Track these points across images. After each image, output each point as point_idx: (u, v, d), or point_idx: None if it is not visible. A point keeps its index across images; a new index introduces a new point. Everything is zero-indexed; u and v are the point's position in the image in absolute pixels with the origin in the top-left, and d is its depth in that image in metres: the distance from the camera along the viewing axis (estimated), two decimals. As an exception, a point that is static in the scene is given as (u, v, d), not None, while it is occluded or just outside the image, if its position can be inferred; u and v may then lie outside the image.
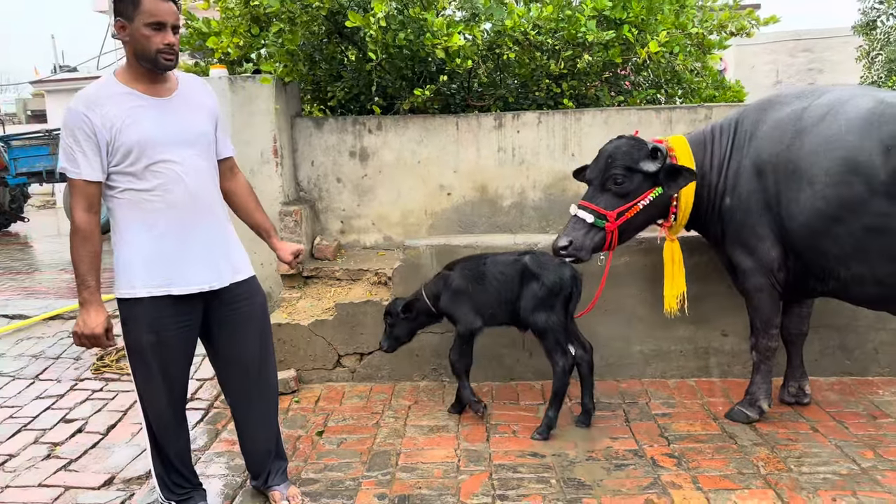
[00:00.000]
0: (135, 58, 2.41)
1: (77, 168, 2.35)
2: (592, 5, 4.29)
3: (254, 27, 4.47)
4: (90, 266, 2.40)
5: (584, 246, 3.31)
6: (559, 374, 3.38)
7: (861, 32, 11.67)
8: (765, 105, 3.33)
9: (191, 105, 2.54)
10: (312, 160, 4.74)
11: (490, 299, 3.50)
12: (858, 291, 3.12)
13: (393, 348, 3.72)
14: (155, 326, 2.48)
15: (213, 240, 2.58)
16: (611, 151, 3.33)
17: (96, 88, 2.42)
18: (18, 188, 12.66)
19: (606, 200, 3.31)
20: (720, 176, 3.36)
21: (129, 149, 2.37)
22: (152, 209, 2.43)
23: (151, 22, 2.35)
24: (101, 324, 2.42)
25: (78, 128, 2.33)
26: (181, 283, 2.49)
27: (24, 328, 5.27)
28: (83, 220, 2.38)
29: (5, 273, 8.06)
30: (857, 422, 3.45)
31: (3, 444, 3.56)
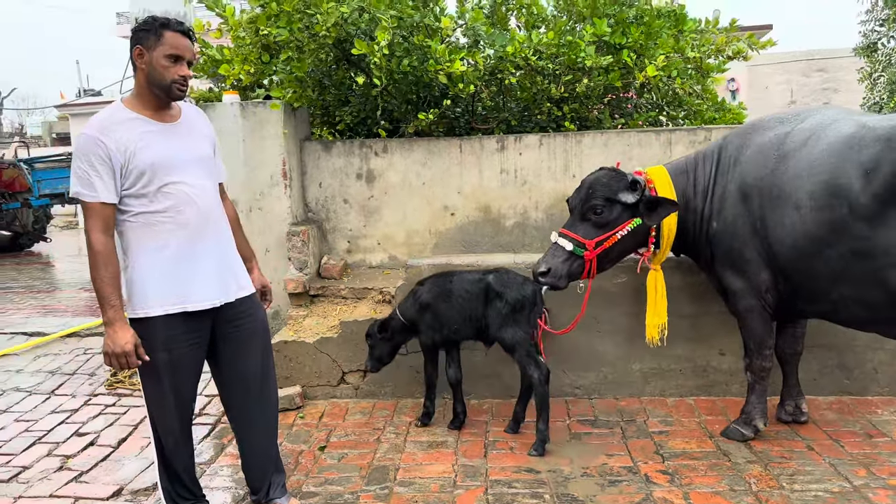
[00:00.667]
0: (148, 85, 2.53)
1: (94, 191, 2.44)
2: (592, 31, 4.41)
3: (264, 55, 4.63)
4: (112, 286, 2.48)
5: (561, 273, 3.42)
6: (536, 385, 3.48)
7: (863, 54, 11.72)
8: (748, 130, 3.41)
9: (193, 131, 2.69)
10: (320, 182, 4.87)
11: (454, 315, 3.63)
12: (847, 313, 3.16)
13: (377, 368, 3.87)
14: (168, 344, 2.57)
15: (221, 257, 2.69)
16: (591, 182, 3.44)
17: (108, 114, 2.53)
18: (41, 209, 12.99)
19: (586, 229, 3.41)
20: (705, 201, 3.44)
21: (142, 171, 2.47)
22: (164, 230, 2.53)
23: (171, 54, 2.50)
24: (130, 340, 2.48)
25: (93, 152, 2.43)
26: (194, 299, 2.58)
27: (42, 345, 5.43)
28: (101, 242, 2.47)
29: (26, 292, 8.27)
30: (853, 440, 3.48)
31: (17, 456, 3.69)
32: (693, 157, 3.57)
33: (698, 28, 4.89)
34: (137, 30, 2.53)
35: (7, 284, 8.98)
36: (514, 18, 5.03)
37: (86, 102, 22.91)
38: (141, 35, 2.51)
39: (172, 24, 2.53)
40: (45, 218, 13.52)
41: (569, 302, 4.06)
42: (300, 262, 4.58)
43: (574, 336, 4.11)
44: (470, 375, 4.18)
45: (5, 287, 8.74)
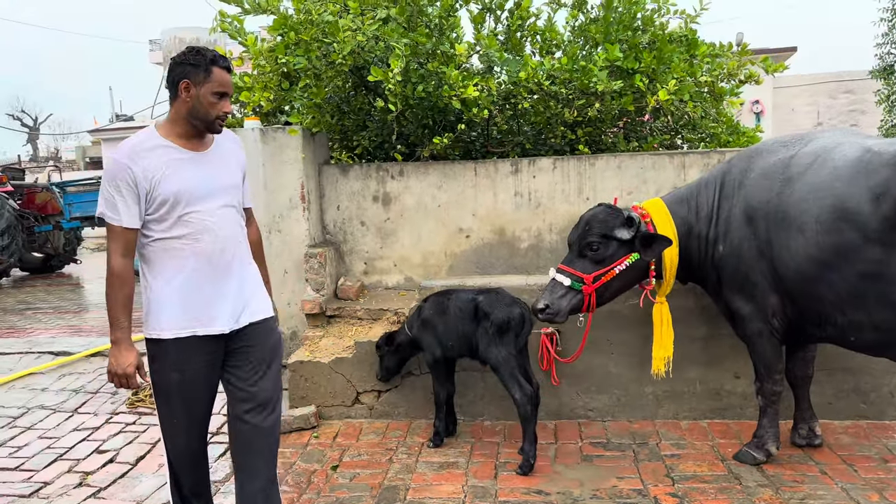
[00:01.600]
0: (189, 117, 2.56)
1: (117, 215, 2.49)
2: (605, 56, 4.47)
3: (284, 82, 4.76)
4: (124, 308, 2.52)
5: (560, 309, 3.47)
6: (518, 405, 3.53)
7: (879, 77, 11.66)
8: (752, 153, 3.44)
9: (224, 159, 2.70)
10: (338, 205, 4.97)
11: (450, 332, 3.75)
12: (856, 337, 3.15)
13: (386, 378, 4.07)
14: (181, 366, 2.58)
15: (237, 284, 2.68)
16: (587, 219, 3.51)
17: (139, 140, 2.56)
18: (72, 232, 13.31)
19: (584, 265, 3.47)
20: (710, 225, 3.46)
21: (165, 199, 2.51)
22: (181, 255, 2.56)
23: (219, 91, 2.54)
24: (133, 362, 2.53)
25: (120, 178, 2.47)
26: (206, 324, 2.59)
27: (67, 364, 5.56)
28: (120, 265, 2.51)
29: (55, 312, 8.48)
30: (868, 465, 3.44)
31: (39, 472, 3.79)
32: (694, 184, 3.62)
33: (712, 52, 4.92)
34: (184, 62, 2.55)
35: (37, 305, 9.21)
36: (529, 45, 5.11)
37: (118, 127, 23.51)
38: (189, 69, 2.53)
39: (220, 61, 2.56)
40: (76, 240, 13.85)
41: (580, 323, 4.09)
42: (317, 283, 4.66)
43: (587, 358, 4.12)
44: (483, 397, 4.22)
45: (35, 308, 8.97)
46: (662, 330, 3.67)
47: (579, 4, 5.12)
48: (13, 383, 5.20)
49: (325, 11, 4.38)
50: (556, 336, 4.04)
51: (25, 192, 13.18)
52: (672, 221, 3.50)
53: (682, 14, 4.92)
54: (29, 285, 11.71)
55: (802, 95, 20.04)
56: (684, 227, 3.51)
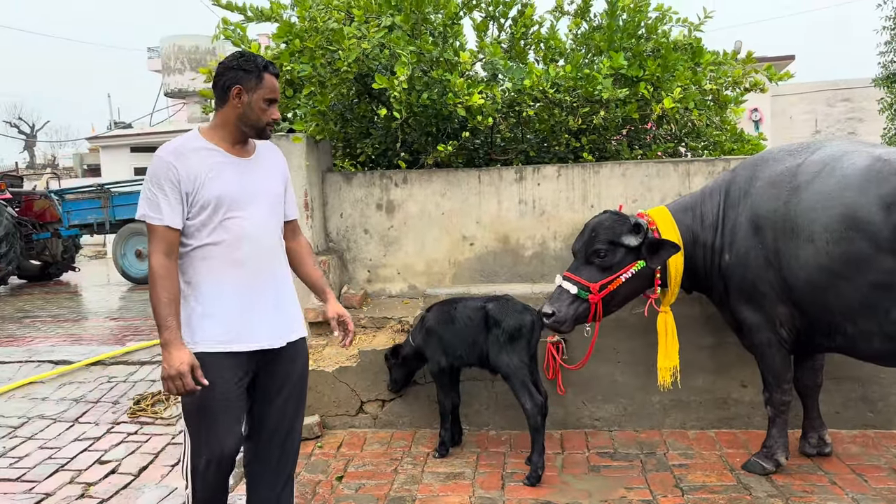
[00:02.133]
0: (238, 122, 2.52)
1: (160, 215, 2.42)
2: (609, 64, 4.46)
3: (288, 90, 4.74)
4: (169, 308, 2.40)
5: (566, 317, 3.44)
6: (528, 414, 3.49)
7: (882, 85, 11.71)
8: (757, 162, 3.43)
9: (267, 167, 2.64)
10: (341, 212, 4.94)
11: (457, 341, 3.71)
12: (866, 347, 3.13)
13: (396, 389, 4.06)
14: (214, 382, 2.44)
15: (276, 298, 2.60)
16: (594, 226, 3.49)
17: (183, 141, 2.52)
18: (70, 239, 13.25)
19: (590, 273, 3.44)
20: (716, 234, 3.44)
21: (207, 202, 2.45)
22: (219, 265, 2.48)
23: (270, 98, 2.52)
24: (186, 361, 2.37)
25: (165, 176, 2.42)
26: (243, 339, 2.50)
27: (67, 373, 5.52)
28: (162, 265, 2.41)
29: (54, 320, 8.42)
30: (878, 475, 3.41)
31: (40, 483, 3.75)
32: (699, 193, 3.61)
33: (716, 60, 4.92)
34: (236, 68, 2.51)
35: (35, 313, 9.15)
36: (533, 52, 5.10)
37: (116, 135, 23.44)
38: (241, 75, 2.49)
39: (270, 67, 2.54)
40: (74, 248, 13.79)
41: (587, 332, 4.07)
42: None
43: (594, 367, 4.10)
44: (488, 406, 4.19)
45: (33, 316, 8.92)
46: (667, 340, 3.64)
47: (582, 12, 5.12)
48: (13, 392, 5.16)
49: (329, 19, 4.37)
50: (563, 345, 4.02)
51: (24, 199, 13.12)
52: (677, 230, 3.48)
53: (685, 22, 4.92)
54: (27, 293, 11.65)
55: (800, 103, 20.11)
56: (689, 236, 3.49)
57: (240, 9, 4.83)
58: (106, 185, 13.13)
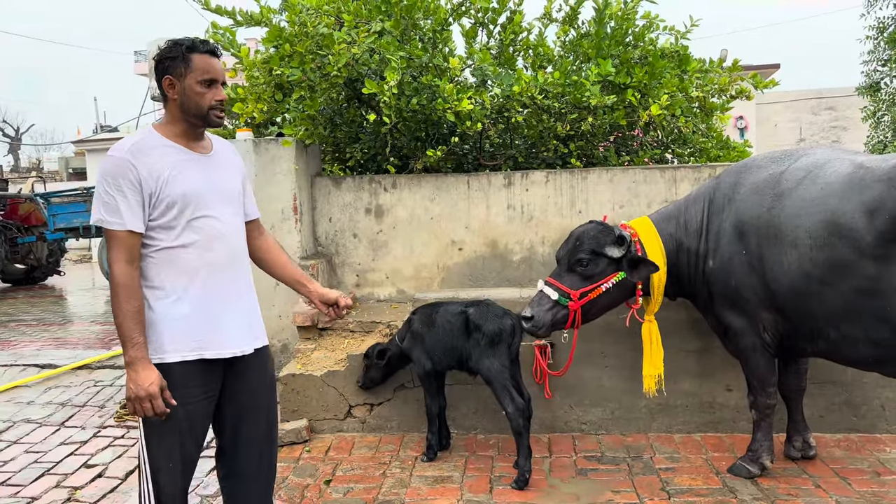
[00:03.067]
0: (183, 114, 2.36)
1: (120, 218, 2.22)
2: (597, 71, 4.50)
3: (277, 94, 4.76)
4: (135, 321, 2.22)
5: (544, 322, 3.47)
6: (510, 418, 3.51)
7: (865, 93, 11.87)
8: (741, 169, 3.47)
9: (226, 166, 2.51)
10: (330, 217, 4.95)
11: (438, 345, 3.75)
12: (850, 352, 3.17)
13: (368, 387, 4.12)
14: (184, 396, 2.28)
15: (247, 302, 2.49)
16: (578, 235, 3.52)
17: (139, 138, 2.34)
18: (56, 243, 13.16)
19: (572, 280, 3.48)
20: (700, 239, 3.48)
21: (172, 201, 2.28)
22: (189, 267, 2.32)
23: (204, 79, 2.33)
24: (155, 381, 2.19)
25: (123, 176, 2.22)
26: (215, 346, 2.35)
27: (53, 377, 5.48)
28: (126, 274, 2.22)
29: (39, 324, 8.36)
30: (861, 478, 3.45)
31: (26, 487, 3.72)
32: (682, 201, 3.66)
33: (703, 68, 4.98)
34: (163, 58, 2.35)
35: (20, 317, 9.08)
36: (521, 59, 5.14)
37: (102, 138, 23.33)
38: (168, 64, 2.33)
39: (198, 45, 2.34)
40: (60, 251, 13.69)
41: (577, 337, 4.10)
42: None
43: (581, 371, 4.13)
44: (476, 410, 4.20)
45: (18, 319, 8.85)
46: (652, 349, 3.68)
47: (570, 20, 5.18)
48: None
49: (319, 24, 4.38)
50: (549, 349, 4.04)
51: (8, 202, 13.01)
52: (659, 239, 3.52)
53: (672, 30, 4.98)
54: (11, 297, 11.55)
55: (785, 112, 20.33)
56: (673, 244, 3.54)
57: (229, 13, 4.84)
58: (92, 188, 13.03)
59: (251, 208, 2.65)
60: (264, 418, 2.56)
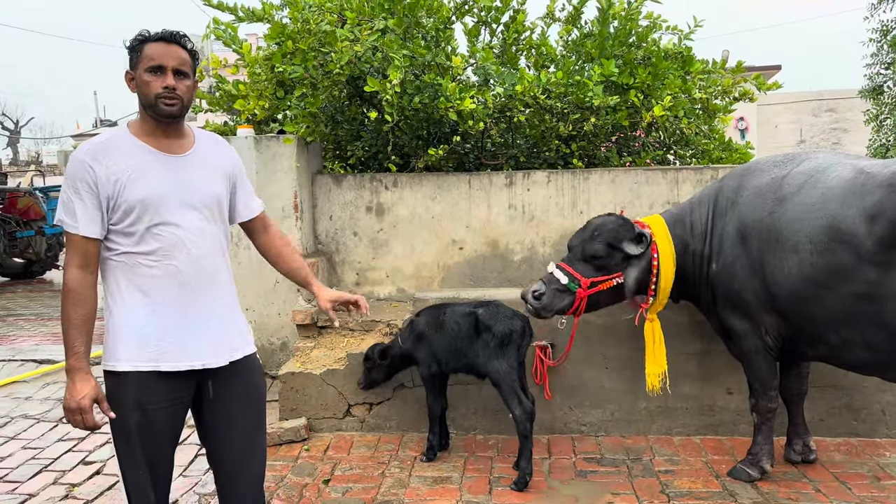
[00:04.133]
0: (142, 109, 2.25)
1: (75, 222, 2.15)
2: (600, 72, 4.48)
3: (279, 91, 4.74)
4: (79, 330, 2.15)
5: (550, 304, 3.46)
6: (518, 420, 3.49)
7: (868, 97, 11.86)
8: (744, 172, 3.46)
9: (206, 165, 2.34)
10: (331, 215, 4.94)
11: (445, 346, 3.70)
12: (849, 356, 3.16)
13: (369, 388, 4.05)
14: (142, 404, 2.19)
15: (214, 312, 2.32)
16: (598, 225, 3.50)
17: (105, 138, 2.25)
18: (55, 237, 13.13)
19: (584, 268, 3.46)
20: (704, 242, 3.48)
21: (131, 206, 2.17)
22: (149, 275, 2.21)
23: (150, 66, 2.20)
24: (88, 394, 2.13)
25: (80, 178, 2.14)
26: (172, 358, 2.22)
27: (51, 373, 5.46)
28: (76, 279, 2.15)
29: (38, 319, 8.34)
30: (861, 483, 3.45)
31: (23, 483, 3.70)
32: (687, 203, 3.65)
33: (705, 69, 4.97)
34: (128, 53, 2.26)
35: (18, 311, 9.06)
36: (524, 58, 5.13)
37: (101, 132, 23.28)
38: (130, 58, 2.24)
39: (152, 35, 2.23)
40: (58, 246, 13.66)
41: (577, 338, 4.09)
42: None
43: (581, 373, 4.12)
44: (477, 410, 4.19)
45: (17, 314, 8.83)
46: (655, 347, 3.67)
47: (573, 19, 5.16)
48: (-5, 392, 5.10)
49: (322, 21, 4.36)
50: (550, 349, 4.03)
51: (7, 196, 12.98)
52: (671, 241, 3.50)
53: (676, 30, 4.96)
54: (9, 291, 11.53)
55: (786, 113, 20.32)
56: (680, 246, 3.53)
57: (231, 9, 4.82)
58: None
59: (251, 203, 2.53)
60: (251, 427, 2.42)
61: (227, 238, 2.43)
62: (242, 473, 2.43)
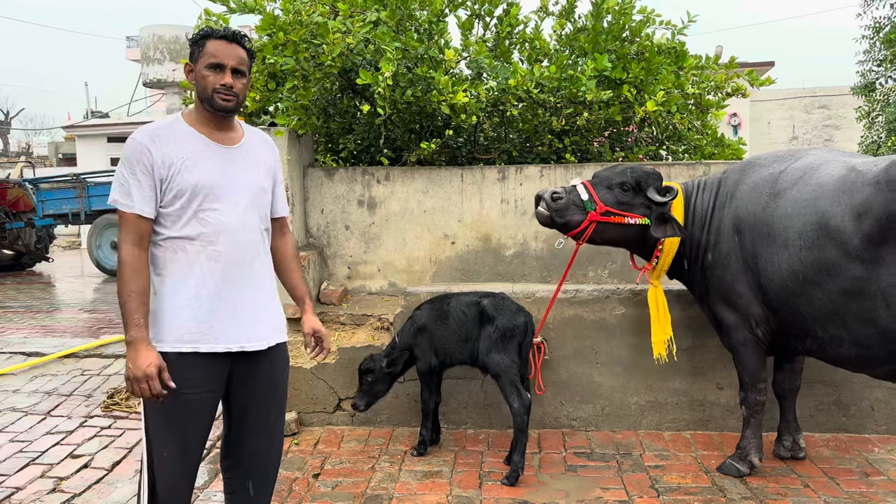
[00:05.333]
0: (199, 101, 2.40)
1: (131, 202, 2.27)
2: (594, 66, 4.47)
3: (270, 83, 4.70)
4: (139, 302, 2.24)
5: (564, 210, 3.47)
6: (514, 415, 3.49)
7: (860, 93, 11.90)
8: (745, 166, 3.47)
9: (253, 159, 2.48)
10: (322, 208, 4.91)
11: (449, 338, 3.68)
12: (835, 352, 3.17)
13: (370, 405, 3.81)
14: (180, 386, 2.28)
15: (253, 298, 2.43)
16: (632, 166, 3.55)
17: (162, 124, 2.38)
18: (44, 229, 13.05)
19: (604, 195, 3.47)
20: (702, 231, 3.49)
21: (181, 191, 2.30)
22: (192, 259, 2.32)
23: (210, 63, 2.34)
24: (154, 362, 2.22)
25: (138, 160, 2.27)
26: (211, 340, 2.34)
27: (39, 365, 5.43)
28: (132, 255, 2.26)
29: (26, 312, 8.28)
30: (849, 479, 3.46)
31: (10, 477, 3.67)
32: (695, 183, 3.63)
33: (699, 64, 4.96)
34: (190, 45, 2.42)
35: (7, 304, 8.99)
36: (517, 52, 5.11)
37: (93, 124, 23.10)
38: (191, 51, 2.39)
39: (214, 32, 2.37)
40: (49, 238, 13.58)
41: (569, 334, 4.10)
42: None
43: (572, 368, 4.12)
44: (467, 405, 4.19)
45: (5, 306, 8.76)
46: (659, 314, 3.67)
47: (567, 13, 5.14)
48: (-17, 384, 5.06)
49: (314, 13, 4.33)
50: (544, 345, 4.02)
51: (-3, 187, 12.90)
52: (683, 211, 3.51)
53: (669, 25, 4.95)
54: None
55: (778, 110, 20.36)
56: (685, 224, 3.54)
57: (223, 0, 4.77)
58: (82, 174, 12.93)
59: (279, 205, 2.63)
60: (273, 414, 2.56)
61: (268, 230, 2.56)
62: (269, 456, 2.58)
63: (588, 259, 4.68)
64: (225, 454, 2.58)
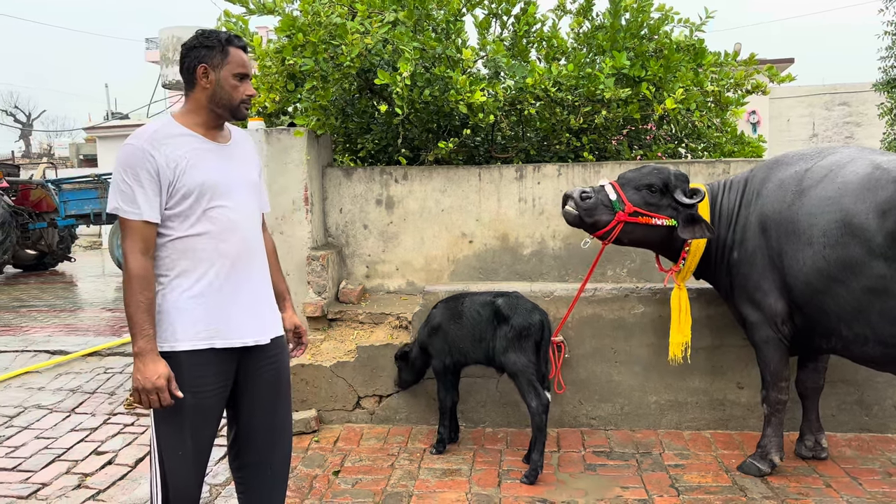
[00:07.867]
0: (210, 104, 2.37)
1: (137, 208, 2.23)
2: (612, 64, 4.46)
3: (289, 84, 4.74)
4: (147, 313, 2.23)
5: (593, 210, 3.48)
6: (533, 415, 3.49)
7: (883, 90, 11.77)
8: (772, 164, 3.47)
9: (244, 154, 2.52)
10: (341, 207, 4.94)
11: (464, 337, 3.69)
12: (860, 351, 3.15)
13: (405, 387, 4.13)
14: (194, 386, 2.29)
15: (261, 291, 2.48)
16: (659, 167, 3.55)
17: (158, 127, 2.35)
18: (67, 229, 13.21)
19: (632, 196, 3.48)
20: (728, 230, 3.48)
21: (189, 191, 2.29)
22: (203, 257, 2.32)
23: (239, 73, 2.35)
24: (163, 374, 2.21)
25: (141, 166, 2.23)
26: (226, 335, 2.35)
27: (63, 363, 5.51)
28: (140, 265, 2.23)
29: (50, 310, 8.41)
30: (872, 479, 3.43)
31: (37, 473, 3.74)
32: (721, 183, 3.62)
33: (718, 62, 4.93)
34: (199, 46, 2.35)
35: (31, 303, 9.13)
36: (535, 51, 5.11)
37: (113, 125, 23.40)
38: (204, 52, 2.33)
39: (235, 40, 2.38)
40: (71, 238, 13.75)
41: (588, 332, 4.09)
42: (319, 286, 4.63)
43: (591, 367, 4.12)
44: (486, 403, 4.20)
45: (29, 305, 8.90)
46: (681, 316, 3.67)
47: (584, 11, 5.13)
48: (9, 382, 5.15)
49: (332, 13, 4.36)
50: (564, 345, 4.02)
51: (20, 188, 13.07)
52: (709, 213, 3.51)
53: (687, 22, 4.93)
54: (22, 283, 11.62)
55: (798, 107, 20.15)
56: None
57: (242, 1, 4.82)
58: (103, 175, 13.08)
59: (263, 202, 2.65)
60: (280, 407, 2.57)
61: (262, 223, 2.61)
62: (276, 452, 2.56)
63: (607, 258, 4.67)
64: (235, 454, 2.56)
